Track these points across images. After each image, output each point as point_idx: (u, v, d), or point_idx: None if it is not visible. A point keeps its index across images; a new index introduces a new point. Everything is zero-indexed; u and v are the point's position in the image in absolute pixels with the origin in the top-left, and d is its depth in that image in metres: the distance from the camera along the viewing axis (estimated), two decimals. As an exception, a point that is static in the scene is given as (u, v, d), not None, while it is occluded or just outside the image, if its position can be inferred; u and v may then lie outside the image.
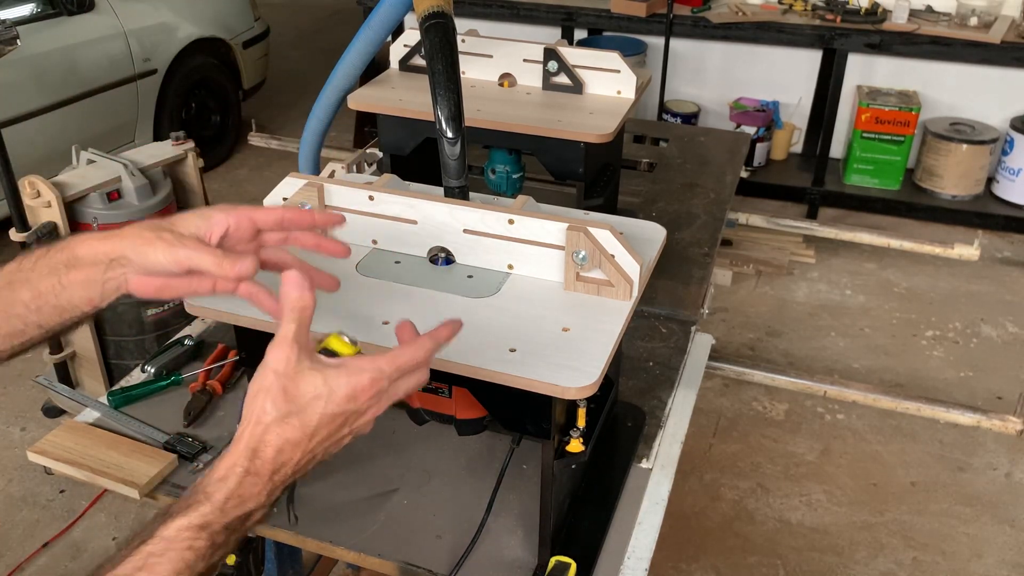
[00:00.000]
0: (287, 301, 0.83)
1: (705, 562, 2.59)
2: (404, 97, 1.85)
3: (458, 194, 1.23)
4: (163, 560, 0.73)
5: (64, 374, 2.99)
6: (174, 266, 0.87)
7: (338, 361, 0.83)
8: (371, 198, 1.23)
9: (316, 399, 0.79)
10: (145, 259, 0.87)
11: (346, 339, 0.87)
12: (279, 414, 0.79)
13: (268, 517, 0.82)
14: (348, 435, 0.83)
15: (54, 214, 2.64)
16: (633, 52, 4.55)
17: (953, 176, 4.36)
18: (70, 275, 0.88)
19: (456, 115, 1.20)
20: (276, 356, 0.80)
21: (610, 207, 1.96)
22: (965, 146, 4.29)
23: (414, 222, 1.23)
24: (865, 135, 4.39)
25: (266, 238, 0.97)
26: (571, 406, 1.14)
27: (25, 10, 3.99)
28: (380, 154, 2.21)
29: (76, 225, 2.70)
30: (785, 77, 4.67)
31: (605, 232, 1.12)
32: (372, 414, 0.84)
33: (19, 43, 2.84)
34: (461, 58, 1.56)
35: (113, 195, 2.75)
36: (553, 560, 1.19)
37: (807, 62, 4.62)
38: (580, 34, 4.76)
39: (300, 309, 0.82)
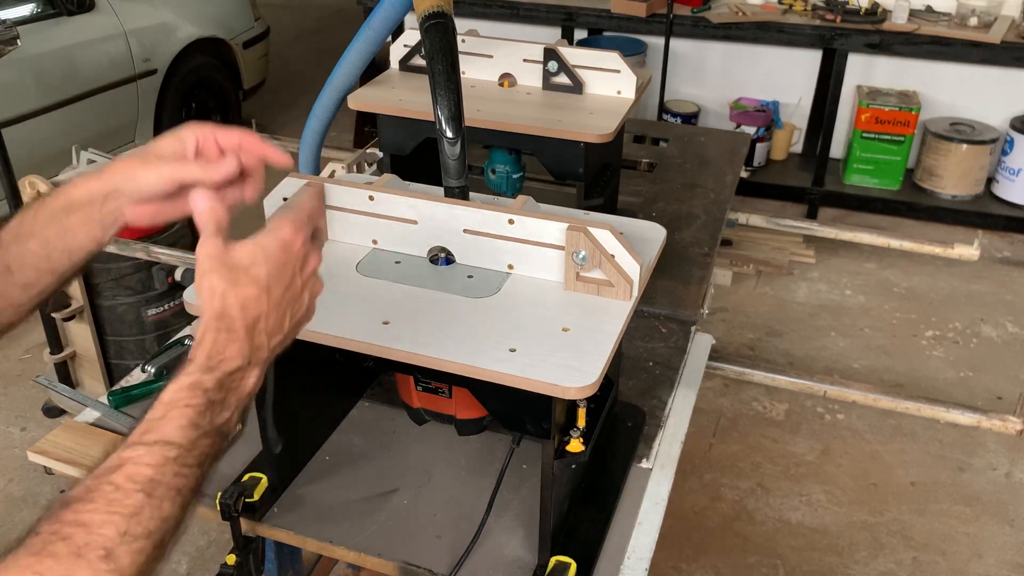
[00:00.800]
0: (200, 212, 0.88)
1: (705, 562, 2.59)
2: (404, 97, 1.85)
3: (458, 194, 1.23)
4: (165, 420, 0.77)
5: (64, 374, 2.99)
6: (164, 185, 0.92)
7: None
8: (371, 198, 1.23)
9: (255, 258, 0.85)
10: (136, 185, 0.92)
11: None
12: (229, 280, 0.84)
13: (263, 376, 0.86)
14: (303, 287, 0.89)
15: (54, 214, 2.64)
16: (633, 52, 4.55)
17: (953, 176, 4.36)
18: (69, 219, 0.93)
19: (456, 115, 1.20)
20: (205, 248, 0.85)
21: (610, 207, 1.96)
22: (965, 146, 4.29)
23: (414, 222, 1.23)
24: (865, 135, 4.39)
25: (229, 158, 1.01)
26: (571, 406, 1.14)
27: (25, 10, 3.99)
28: (380, 154, 2.21)
29: (76, 225, 2.70)
30: (785, 77, 4.67)
31: (605, 232, 1.12)
32: (313, 262, 0.90)
33: (19, 43, 2.84)
34: (461, 58, 1.56)
35: (113, 195, 2.75)
36: (553, 560, 1.19)
37: (807, 62, 4.62)
38: (580, 34, 4.76)
39: (212, 213, 0.88)
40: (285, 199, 1.26)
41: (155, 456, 0.74)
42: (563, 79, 1.88)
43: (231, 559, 1.42)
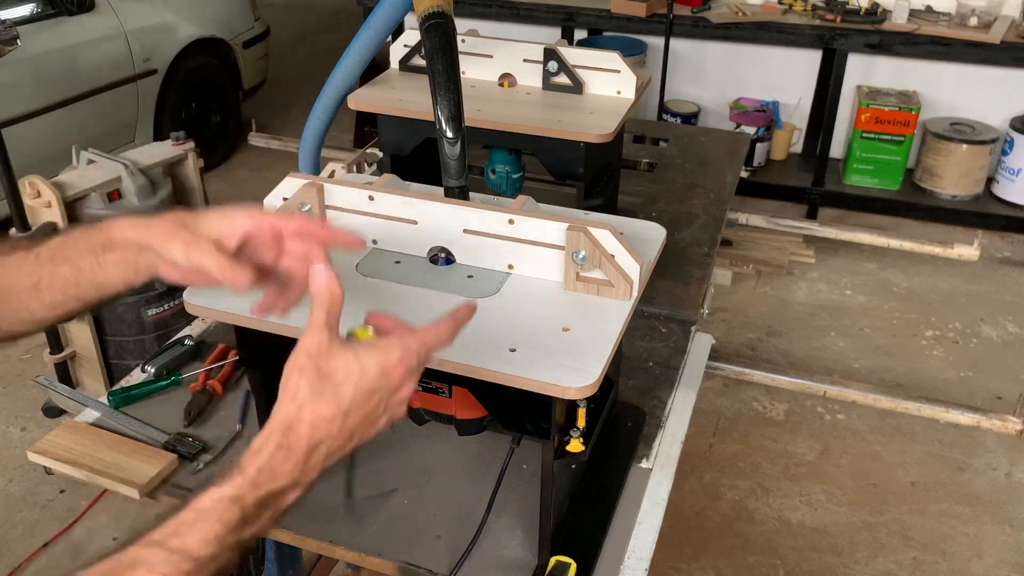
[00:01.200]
0: (316, 290, 0.85)
1: (705, 562, 2.59)
2: (404, 97, 1.85)
3: (458, 194, 1.23)
4: (193, 528, 0.75)
5: (64, 374, 2.99)
6: (187, 264, 0.92)
7: (368, 342, 0.86)
8: (371, 198, 1.23)
9: (348, 375, 0.82)
10: (165, 252, 0.93)
11: (370, 331, 0.90)
12: (312, 391, 0.81)
13: (302, 499, 0.82)
14: (383, 414, 0.85)
15: (54, 214, 2.64)
16: (633, 52, 4.55)
17: (953, 176, 4.36)
18: (106, 256, 0.94)
19: (456, 115, 1.20)
20: (308, 339, 0.83)
21: (610, 207, 1.96)
22: (965, 146, 4.29)
23: (414, 222, 1.23)
24: (865, 135, 4.39)
25: (288, 246, 0.99)
26: (571, 406, 1.14)
27: (25, 10, 3.99)
28: (380, 154, 2.21)
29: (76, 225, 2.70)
30: (785, 77, 4.67)
31: (605, 232, 1.12)
32: (404, 392, 0.86)
33: (19, 43, 2.84)
34: (461, 58, 1.56)
35: (113, 195, 2.75)
36: (553, 560, 1.19)
37: (807, 62, 4.62)
38: (580, 34, 4.76)
39: (329, 296, 0.85)
40: (285, 199, 1.26)
41: (170, 567, 0.73)
42: (563, 79, 1.88)
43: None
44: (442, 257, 1.23)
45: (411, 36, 1.95)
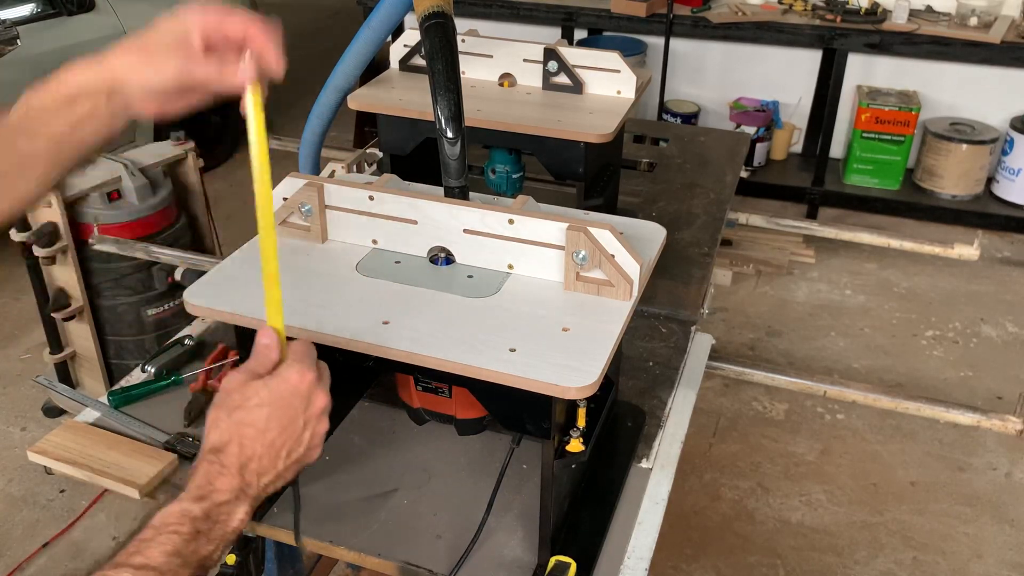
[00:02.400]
0: (258, 347, 0.94)
1: (705, 562, 2.59)
2: (404, 97, 1.85)
3: (458, 194, 1.23)
4: (152, 544, 0.80)
5: (64, 374, 2.99)
6: (171, 84, 0.89)
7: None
8: (371, 198, 1.23)
9: (260, 399, 0.90)
10: (140, 82, 0.89)
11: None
12: (232, 419, 0.89)
13: (251, 513, 0.89)
14: (304, 429, 0.92)
15: (54, 214, 2.64)
16: (633, 52, 4.55)
17: (953, 176, 4.36)
18: (75, 111, 0.90)
19: (456, 115, 1.20)
20: (228, 380, 0.92)
21: (610, 207, 1.96)
22: (965, 146, 4.29)
23: (414, 222, 1.23)
24: (865, 135, 4.39)
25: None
26: (571, 406, 1.14)
27: (25, 10, 3.98)
28: (380, 154, 2.21)
29: (76, 225, 2.70)
30: (785, 77, 4.67)
31: (605, 232, 1.12)
32: (319, 403, 0.93)
33: (19, 43, 2.84)
34: (461, 58, 1.56)
35: (113, 195, 2.75)
36: (553, 560, 1.19)
37: (807, 62, 4.62)
38: (580, 34, 4.76)
39: (266, 354, 0.94)
40: (285, 199, 1.26)
41: None
42: (563, 79, 1.88)
43: (231, 559, 1.43)
44: (442, 257, 1.23)
45: (411, 36, 1.95)
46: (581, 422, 1.15)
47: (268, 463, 0.89)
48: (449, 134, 1.20)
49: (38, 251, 2.66)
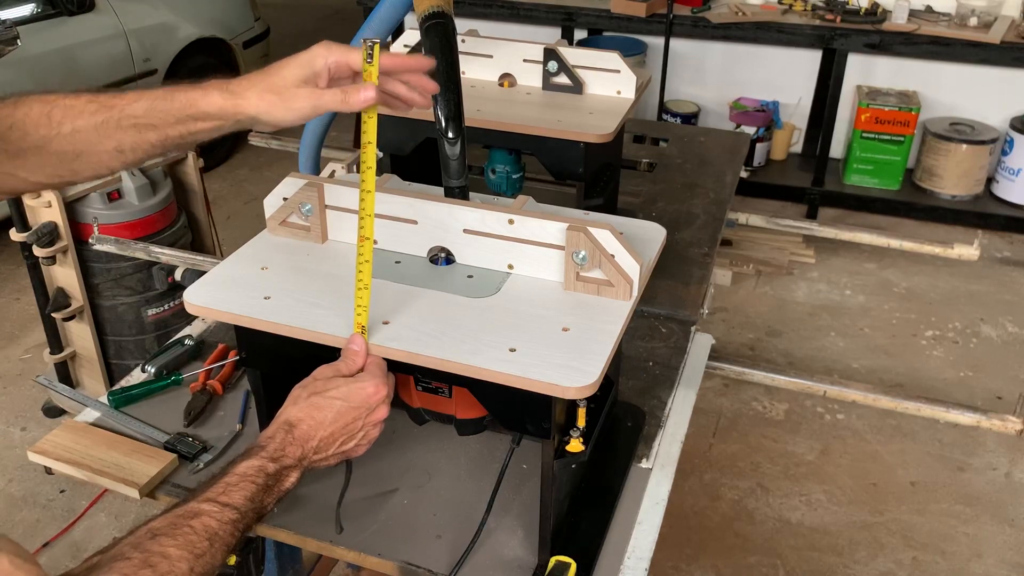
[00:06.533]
0: (347, 351, 1.08)
1: (705, 562, 2.59)
2: (404, 97, 1.85)
3: (458, 194, 1.23)
4: (236, 488, 0.97)
5: (64, 374, 2.99)
6: (301, 120, 1.01)
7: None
8: (371, 198, 1.23)
9: (337, 390, 1.06)
10: (274, 121, 1.01)
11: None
12: (310, 402, 1.06)
13: (300, 479, 1.04)
14: (360, 431, 1.08)
15: (54, 214, 2.64)
16: (633, 52, 4.55)
17: (953, 176, 4.36)
18: (197, 125, 1.03)
19: (456, 115, 1.20)
20: (320, 369, 1.09)
21: (610, 207, 1.96)
22: (965, 146, 4.29)
23: (414, 222, 1.23)
24: (865, 135, 4.39)
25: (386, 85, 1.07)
26: (571, 406, 1.14)
27: (25, 10, 3.99)
28: (380, 154, 2.21)
29: (76, 225, 2.70)
30: (785, 77, 4.67)
31: (605, 232, 1.13)
32: (379, 414, 1.09)
33: (19, 43, 2.84)
34: (461, 58, 1.56)
35: (113, 195, 2.75)
36: (553, 560, 1.19)
37: (807, 62, 4.62)
38: (580, 34, 4.76)
39: (354, 359, 1.08)
40: (285, 199, 1.26)
41: (223, 515, 0.94)
42: (563, 79, 1.88)
43: (231, 559, 1.42)
44: (442, 257, 1.23)
45: (411, 36, 1.95)
46: (581, 422, 1.15)
47: (324, 446, 1.05)
48: (449, 134, 1.20)
49: (38, 251, 2.66)
